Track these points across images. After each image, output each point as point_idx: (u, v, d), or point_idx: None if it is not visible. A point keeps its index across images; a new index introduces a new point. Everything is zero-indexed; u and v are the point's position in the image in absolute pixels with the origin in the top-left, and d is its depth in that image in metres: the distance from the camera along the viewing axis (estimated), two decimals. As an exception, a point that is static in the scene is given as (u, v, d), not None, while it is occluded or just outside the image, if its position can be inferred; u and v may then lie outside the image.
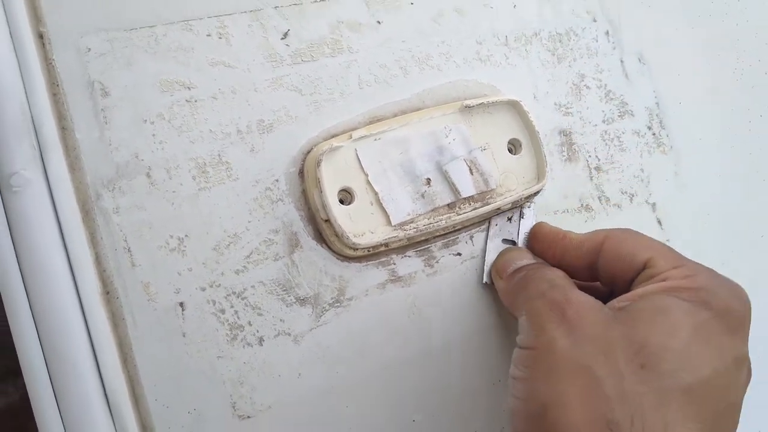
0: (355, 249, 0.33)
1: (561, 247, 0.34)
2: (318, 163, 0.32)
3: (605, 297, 0.30)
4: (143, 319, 0.31)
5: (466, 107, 0.35)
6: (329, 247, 0.34)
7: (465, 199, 0.35)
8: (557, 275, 0.32)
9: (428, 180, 0.35)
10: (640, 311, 0.28)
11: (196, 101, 0.33)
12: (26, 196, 0.29)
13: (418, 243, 0.35)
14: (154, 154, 0.32)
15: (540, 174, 0.36)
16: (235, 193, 0.33)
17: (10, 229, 0.29)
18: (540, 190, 0.36)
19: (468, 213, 0.35)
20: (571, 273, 0.32)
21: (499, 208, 0.36)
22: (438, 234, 0.35)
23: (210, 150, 0.33)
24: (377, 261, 0.35)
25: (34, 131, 0.30)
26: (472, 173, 0.35)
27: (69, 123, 0.31)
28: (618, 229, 0.33)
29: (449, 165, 0.35)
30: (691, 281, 0.29)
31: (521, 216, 0.37)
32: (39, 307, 0.29)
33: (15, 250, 0.29)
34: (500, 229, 0.36)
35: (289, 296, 0.33)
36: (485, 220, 0.36)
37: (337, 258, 0.34)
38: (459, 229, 0.36)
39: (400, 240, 0.34)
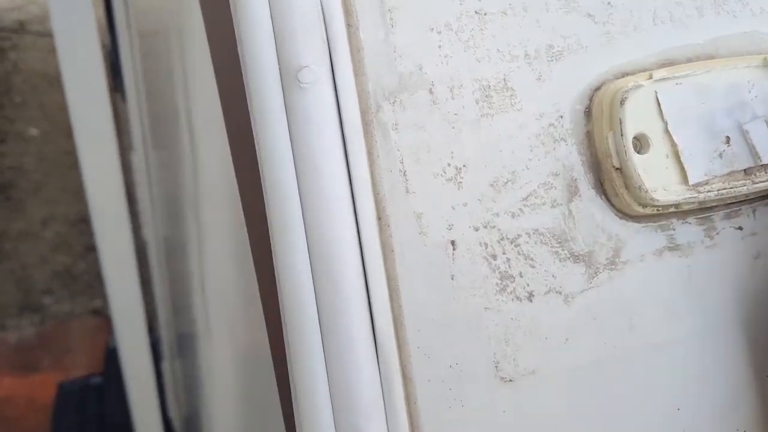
0: (645, 206, 0.29)
1: None
2: (622, 102, 0.28)
3: None
4: (412, 254, 0.27)
5: None
6: (608, 200, 0.30)
7: (762, 166, 0.31)
8: None
9: (727, 138, 0.30)
10: None
11: (485, 14, 0.29)
12: (313, 94, 0.25)
13: (702, 210, 0.31)
14: (439, 68, 0.28)
15: None
16: (518, 125, 0.29)
17: (289, 130, 0.25)
18: None
19: (765, 182, 0.30)
20: None
21: None
22: (726, 202, 0.31)
23: (495, 72, 0.28)
24: (657, 224, 0.30)
25: (324, 25, 0.26)
26: None
27: (355, 20, 0.27)
28: None
29: (751, 124, 0.30)
30: None
31: None
32: (312, 223, 0.25)
33: (293, 153, 0.25)
34: None
35: (563, 250, 0.29)
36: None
37: (616, 214, 0.30)
38: (743, 201, 0.31)
39: (693, 203, 0.30)
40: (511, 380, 0.28)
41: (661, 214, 0.30)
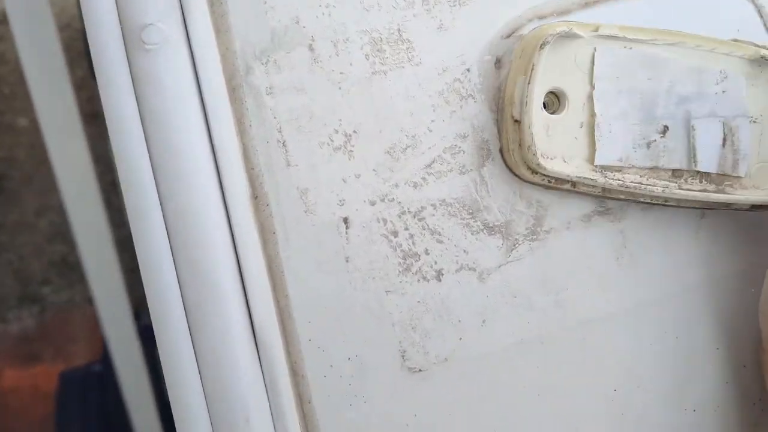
0: (534, 172, 0.25)
1: None
2: (542, 45, 0.24)
3: None
4: (298, 236, 0.24)
5: (762, 58, 0.26)
6: (502, 157, 0.26)
7: (698, 173, 0.27)
8: None
9: (665, 128, 0.26)
10: None
11: (373, -44, 0.25)
12: (162, 56, 0.22)
13: (604, 198, 0.27)
14: (319, 20, 0.24)
15: None
16: (417, 82, 0.25)
17: (137, 100, 0.22)
18: None
19: (694, 192, 0.26)
20: None
21: (731, 204, 0.27)
22: (640, 201, 0.27)
23: (388, 22, 0.25)
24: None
25: (173, -27, 0.22)
26: (724, 145, 0.27)
27: (215, -31, 0.23)
28: None
29: (701, 121, 0.26)
30: None
31: None
32: (172, 207, 0.22)
33: (144, 128, 0.22)
34: None
35: (476, 221, 0.26)
36: (706, 209, 0.28)
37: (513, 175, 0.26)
38: (670, 206, 0.27)
39: (593, 186, 0.26)
40: (420, 370, 0.25)
41: (554, 188, 0.26)
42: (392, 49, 0.25)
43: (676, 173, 0.27)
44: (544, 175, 0.25)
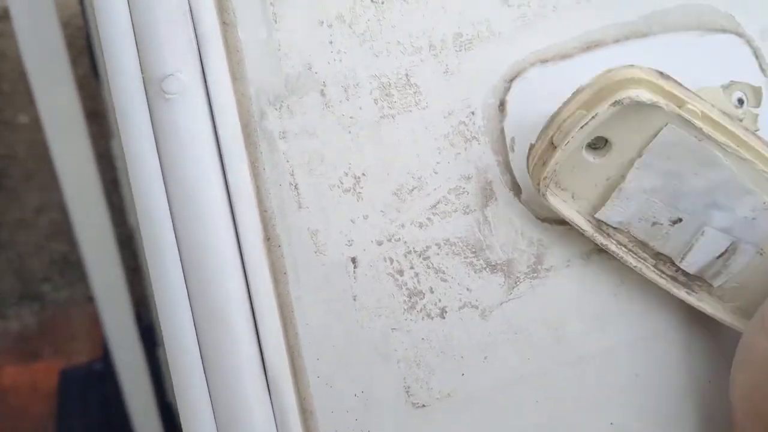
0: (540, 192, 0.25)
1: None
2: (615, 104, 0.24)
3: None
4: (308, 275, 0.25)
5: None
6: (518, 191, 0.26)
7: (673, 264, 0.27)
8: None
9: (678, 220, 0.26)
10: None
11: (383, 2, 0.26)
12: (181, 105, 0.23)
13: (599, 251, 0.27)
14: (331, 66, 0.25)
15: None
16: (423, 125, 0.26)
17: (157, 146, 0.23)
18: None
19: (663, 279, 0.27)
20: None
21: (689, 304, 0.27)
22: (610, 256, 0.27)
23: (396, 67, 0.26)
24: (583, 224, 0.28)
25: (192, 25, 0.23)
26: (719, 257, 0.26)
27: (231, 17, 0.24)
28: None
29: (714, 231, 0.26)
30: None
31: None
32: (188, 248, 0.23)
33: (162, 173, 0.23)
34: None
35: (479, 260, 0.26)
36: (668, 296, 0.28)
37: (537, 216, 0.27)
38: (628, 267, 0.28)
39: (584, 234, 0.26)
40: (424, 405, 0.26)
41: (552, 218, 0.27)
42: (400, 94, 0.26)
43: (657, 255, 0.27)
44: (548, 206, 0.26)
